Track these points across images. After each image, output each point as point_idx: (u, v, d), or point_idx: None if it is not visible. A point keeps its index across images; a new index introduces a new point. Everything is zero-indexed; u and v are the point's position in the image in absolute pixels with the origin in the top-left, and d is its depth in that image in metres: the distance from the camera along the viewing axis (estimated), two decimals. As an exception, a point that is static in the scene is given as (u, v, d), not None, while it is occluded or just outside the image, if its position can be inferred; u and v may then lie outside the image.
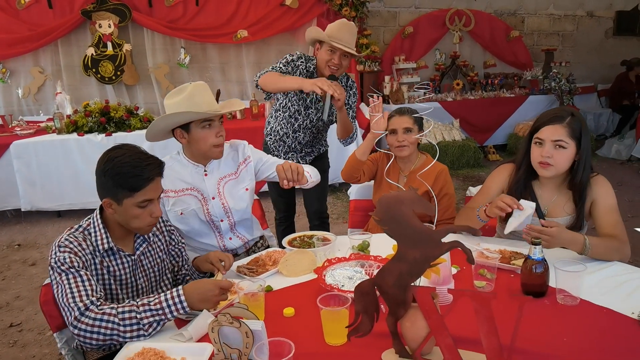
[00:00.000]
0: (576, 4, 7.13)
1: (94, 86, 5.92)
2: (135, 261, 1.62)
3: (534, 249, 1.48)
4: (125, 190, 1.48)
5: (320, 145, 2.88)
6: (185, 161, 1.97)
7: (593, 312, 1.39)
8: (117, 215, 1.53)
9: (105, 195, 1.51)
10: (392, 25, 7.03)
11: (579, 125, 1.78)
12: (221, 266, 1.68)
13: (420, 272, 1.09)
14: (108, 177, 1.48)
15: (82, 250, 1.48)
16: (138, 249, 1.63)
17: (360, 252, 1.74)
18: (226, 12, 6.00)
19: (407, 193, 1.06)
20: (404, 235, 1.07)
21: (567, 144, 1.77)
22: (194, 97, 1.80)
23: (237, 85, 6.47)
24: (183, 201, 1.95)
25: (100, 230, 1.54)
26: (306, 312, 1.42)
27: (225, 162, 2.04)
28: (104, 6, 5.61)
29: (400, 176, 2.39)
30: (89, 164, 4.55)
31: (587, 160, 1.79)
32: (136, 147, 1.56)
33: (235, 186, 2.04)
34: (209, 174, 2.00)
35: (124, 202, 1.49)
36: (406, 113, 2.31)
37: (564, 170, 1.82)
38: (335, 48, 2.44)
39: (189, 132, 1.86)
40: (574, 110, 1.86)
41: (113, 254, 1.56)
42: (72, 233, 1.52)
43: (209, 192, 1.99)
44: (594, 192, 1.82)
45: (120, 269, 1.58)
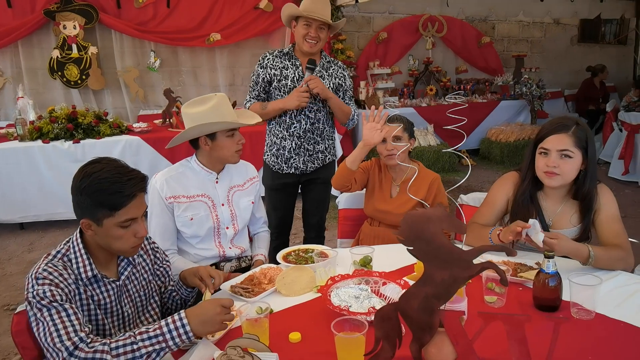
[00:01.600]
0: (543, 11, 7.32)
1: (59, 90, 5.63)
2: (120, 287, 1.47)
3: (547, 263, 1.43)
4: (105, 209, 1.33)
5: (324, 143, 2.70)
6: (198, 168, 2.01)
7: (610, 326, 1.35)
8: (98, 237, 1.38)
9: (83, 215, 1.35)
10: (367, 31, 7.02)
11: (584, 135, 1.75)
12: (210, 283, 1.56)
13: (449, 295, 1.01)
14: (85, 195, 1.32)
15: (64, 280, 1.31)
16: (122, 273, 1.48)
17: (363, 268, 1.65)
18: (198, 14, 5.83)
19: (436, 210, 0.98)
20: (432, 256, 0.99)
21: (573, 154, 1.73)
22: (220, 107, 1.90)
23: (210, 89, 6.28)
24: (194, 207, 1.96)
25: (82, 257, 1.38)
26: (314, 336, 1.32)
27: (236, 173, 2.11)
28: (68, 6, 5.34)
29: (393, 185, 2.33)
30: (56, 173, 4.32)
31: (593, 169, 1.76)
32: (115, 161, 1.40)
33: (242, 197, 2.11)
34: (220, 182, 2.05)
35: (105, 222, 1.34)
36: (396, 121, 2.25)
37: (571, 180, 1.78)
38: (310, 20, 2.44)
39: (214, 140, 1.93)
40: (578, 119, 1.84)
41: (97, 282, 1.41)
42: (51, 261, 1.35)
43: (219, 199, 2.03)
44: (598, 201, 1.80)
45: (105, 297, 1.42)
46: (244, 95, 5.99)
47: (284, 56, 2.60)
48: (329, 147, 2.75)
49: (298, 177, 2.72)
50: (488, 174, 6.19)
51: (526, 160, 1.86)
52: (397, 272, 1.68)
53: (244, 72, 6.38)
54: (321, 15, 2.43)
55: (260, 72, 2.60)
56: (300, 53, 2.58)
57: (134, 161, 4.47)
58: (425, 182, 2.25)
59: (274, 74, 2.58)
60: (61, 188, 4.35)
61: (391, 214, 2.25)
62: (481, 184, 5.80)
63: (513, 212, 1.88)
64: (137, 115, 5.82)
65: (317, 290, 1.57)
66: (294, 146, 2.64)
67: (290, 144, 2.64)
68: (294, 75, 2.57)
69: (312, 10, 2.42)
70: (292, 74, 2.57)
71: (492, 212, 1.94)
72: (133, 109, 5.92)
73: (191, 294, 1.65)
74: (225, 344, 1.21)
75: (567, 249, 1.63)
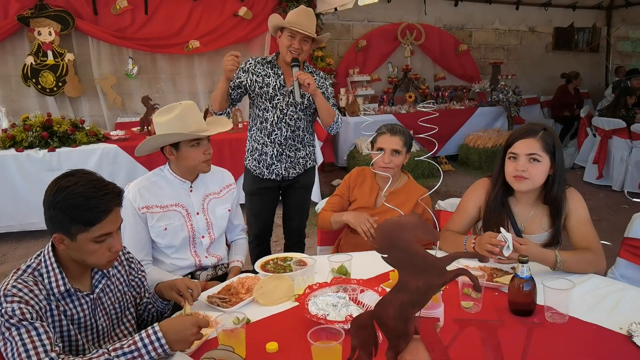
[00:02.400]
0: (519, 19, 7.47)
1: (33, 98, 5.50)
2: (95, 300, 1.43)
3: (522, 268, 1.45)
4: (80, 224, 1.29)
5: (305, 150, 2.74)
6: (171, 177, 1.99)
7: (583, 329, 1.37)
8: (71, 252, 1.34)
9: (56, 229, 1.31)
10: (346, 38, 7.07)
11: (552, 140, 1.79)
12: (190, 296, 1.53)
13: (424, 302, 1.01)
14: (58, 210, 1.28)
15: (35, 297, 1.26)
16: (97, 286, 1.44)
17: (341, 276, 1.65)
18: (177, 21, 5.78)
19: (410, 218, 0.99)
20: (406, 263, 1.00)
21: (542, 158, 1.77)
22: (183, 117, 1.87)
23: (189, 96, 6.24)
24: (168, 217, 1.94)
25: (54, 271, 1.34)
26: (291, 346, 1.31)
27: (212, 180, 2.08)
28: (43, 12, 5.24)
29: (379, 195, 2.29)
30: (30, 182, 4.23)
31: (561, 173, 1.80)
32: (90, 174, 1.35)
33: (218, 205, 2.08)
34: (194, 190, 2.02)
35: (79, 237, 1.30)
36: (398, 133, 2.20)
37: (539, 184, 1.82)
38: (294, 33, 2.47)
39: (178, 150, 1.91)
40: (546, 125, 1.88)
41: (70, 296, 1.37)
42: (20, 277, 1.30)
43: (194, 207, 2.01)
44: (568, 205, 1.83)
45: (78, 311, 1.38)
46: (223, 102, 6.03)
47: (267, 64, 2.63)
48: (309, 154, 2.79)
49: (279, 182, 2.73)
50: (467, 179, 6.27)
51: (497, 166, 1.89)
52: (375, 279, 1.68)
53: (223, 79, 6.35)
54: (305, 29, 2.46)
55: (241, 75, 2.61)
56: (283, 63, 2.61)
57: (111, 169, 4.41)
58: (413, 197, 2.23)
59: (255, 79, 2.60)
60: (35, 198, 4.24)
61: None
62: (460, 189, 5.86)
63: (485, 218, 1.91)
64: (114, 122, 5.73)
65: (295, 299, 1.56)
66: (275, 153, 2.66)
67: (272, 150, 2.66)
68: (276, 84, 2.59)
69: (296, 23, 2.46)
70: (273, 82, 2.59)
71: (464, 219, 1.96)
72: (111, 116, 5.83)
73: (167, 306, 1.63)
74: (200, 355, 1.20)
75: (534, 255, 1.65)
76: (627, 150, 5.52)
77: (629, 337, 1.30)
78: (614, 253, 2.06)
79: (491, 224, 1.89)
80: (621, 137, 5.55)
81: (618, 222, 4.28)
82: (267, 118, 2.62)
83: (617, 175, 5.65)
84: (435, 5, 6.82)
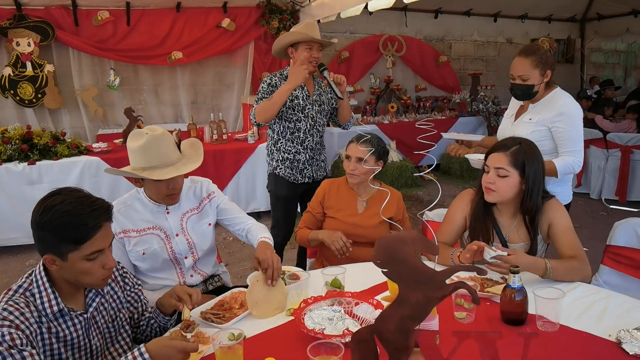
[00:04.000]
0: (497, 31, 7.64)
1: (11, 109, 5.40)
2: (88, 320, 1.40)
3: (513, 278, 1.48)
4: (69, 243, 1.26)
5: (324, 152, 3.07)
6: (146, 200, 1.91)
7: (573, 337, 1.41)
8: (64, 272, 1.31)
9: (46, 250, 1.28)
10: (329, 50, 7.12)
11: (522, 155, 1.83)
12: (189, 300, 1.51)
13: (423, 316, 1.02)
14: (46, 230, 1.26)
15: (26, 320, 1.23)
16: (91, 304, 1.41)
17: (335, 289, 1.66)
18: (159, 33, 5.76)
19: (409, 233, 1.01)
20: (406, 277, 1.01)
21: (509, 173, 1.82)
22: (148, 149, 1.76)
23: (171, 107, 6.21)
24: (145, 241, 1.87)
25: (46, 291, 1.31)
26: (289, 361, 1.31)
27: (187, 197, 1.99)
28: (22, 23, 5.16)
29: (359, 201, 2.36)
30: (8, 196, 4.14)
31: (533, 187, 1.83)
32: (77, 191, 1.33)
33: (198, 221, 2.00)
34: (171, 212, 1.95)
35: (69, 256, 1.27)
36: (366, 142, 2.27)
37: (508, 197, 1.87)
38: (312, 44, 2.69)
39: (143, 180, 1.82)
40: (523, 140, 1.92)
41: (62, 316, 1.34)
42: (11, 297, 1.27)
43: (172, 230, 1.93)
44: (549, 216, 1.88)
45: (71, 332, 1.35)
46: (206, 113, 6.03)
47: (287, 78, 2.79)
48: (326, 155, 3.13)
49: (308, 185, 2.95)
50: (449, 188, 6.35)
51: (479, 176, 1.95)
52: (369, 292, 1.70)
53: (206, 89, 6.34)
54: (320, 39, 2.72)
55: (272, 90, 2.77)
56: None
57: (93, 182, 4.35)
58: (393, 200, 2.30)
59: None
60: (15, 212, 4.16)
61: (360, 226, 2.28)
62: (443, 198, 5.93)
63: (471, 227, 1.96)
64: (96, 134, 5.66)
65: (290, 313, 1.56)
66: (307, 158, 2.92)
67: (305, 156, 2.91)
68: (302, 95, 2.83)
69: (313, 35, 2.69)
70: (300, 93, 2.83)
71: (451, 229, 2.01)
72: (92, 128, 5.75)
73: (169, 322, 1.61)
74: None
75: (524, 263, 1.68)
76: (604, 159, 5.67)
77: (618, 344, 1.34)
78: (595, 259, 2.11)
79: (477, 233, 1.94)
80: (598, 147, 5.70)
81: (597, 229, 4.39)
82: (300, 127, 2.85)
83: (594, 183, 5.80)
84: (416, 17, 6.93)
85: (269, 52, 6.22)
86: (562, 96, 2.39)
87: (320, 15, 5.35)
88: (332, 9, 4.94)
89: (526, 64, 2.30)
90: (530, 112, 2.44)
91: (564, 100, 2.36)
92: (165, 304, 1.56)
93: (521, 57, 2.33)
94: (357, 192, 2.37)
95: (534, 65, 2.29)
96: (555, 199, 1.92)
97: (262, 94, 2.80)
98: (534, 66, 2.29)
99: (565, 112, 2.32)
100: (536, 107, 2.42)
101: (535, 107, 2.43)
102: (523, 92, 2.37)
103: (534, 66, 2.29)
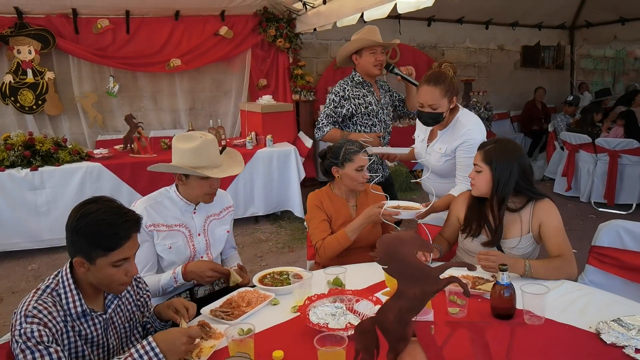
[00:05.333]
0: (488, 38, 7.81)
1: (12, 116, 5.47)
2: (107, 320, 1.51)
3: (502, 275, 1.60)
4: (100, 250, 1.37)
5: None
6: (177, 198, 2.08)
7: (557, 329, 1.52)
8: (90, 275, 1.42)
9: (77, 253, 1.39)
10: (324, 57, 7.26)
11: (492, 152, 2.00)
12: (186, 314, 1.62)
13: (420, 308, 1.14)
14: (81, 235, 1.37)
15: (53, 319, 1.33)
16: (109, 306, 1.52)
17: (337, 287, 1.77)
18: (158, 40, 5.85)
19: (407, 233, 1.12)
20: (404, 274, 1.12)
21: (481, 168, 2.01)
22: (200, 151, 1.98)
23: (170, 114, 6.30)
24: (172, 236, 2.03)
25: (71, 292, 1.41)
26: (296, 353, 1.42)
27: (213, 203, 2.16)
28: (23, 31, 5.24)
29: (349, 207, 2.42)
30: (11, 201, 4.21)
31: (501, 184, 1.97)
32: (111, 201, 1.44)
33: (218, 226, 2.20)
34: (197, 212, 2.13)
35: (98, 261, 1.38)
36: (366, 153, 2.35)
37: (484, 191, 2.04)
38: (375, 48, 2.88)
39: (187, 178, 2.02)
40: (500, 139, 2.09)
41: (84, 316, 1.44)
42: (40, 297, 1.37)
43: (196, 229, 2.11)
44: (540, 216, 2.00)
45: (92, 331, 1.46)
46: (205, 119, 6.13)
47: (358, 85, 2.96)
48: None
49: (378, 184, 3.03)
50: (443, 192, 6.47)
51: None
52: (368, 290, 1.81)
53: (204, 96, 6.45)
54: (381, 41, 2.86)
55: (344, 104, 2.94)
56: (369, 78, 3.01)
57: (95, 188, 4.43)
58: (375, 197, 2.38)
59: (358, 103, 2.95)
60: (17, 217, 4.25)
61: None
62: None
63: (465, 223, 2.13)
64: (95, 140, 5.74)
65: (295, 310, 1.67)
66: (377, 159, 2.99)
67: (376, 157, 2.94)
68: (373, 100, 3.01)
69: (377, 39, 2.85)
70: (372, 99, 3.00)
71: (449, 227, 2.23)
72: (91, 134, 5.83)
73: (165, 327, 1.69)
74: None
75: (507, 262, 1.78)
76: (593, 163, 5.83)
77: (597, 335, 1.45)
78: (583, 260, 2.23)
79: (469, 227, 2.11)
80: (587, 152, 5.86)
81: (586, 231, 4.52)
82: (375, 131, 3.00)
83: (584, 187, 5.95)
84: (409, 25, 7.08)
85: (265, 59, 6.36)
86: (465, 123, 2.45)
87: (316, 24, 5.47)
88: (327, 18, 5.06)
89: (436, 93, 2.33)
90: (440, 140, 2.52)
91: (467, 128, 2.43)
92: (163, 314, 1.66)
93: (430, 85, 2.34)
94: (346, 198, 2.41)
95: (443, 94, 2.34)
96: (547, 199, 2.04)
97: (332, 106, 2.95)
98: (442, 95, 2.34)
99: (467, 141, 2.41)
100: (444, 136, 2.50)
101: (443, 136, 2.51)
102: (433, 119, 2.42)
103: (442, 95, 2.34)
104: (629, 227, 2.11)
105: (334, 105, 2.97)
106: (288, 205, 5.21)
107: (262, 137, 5.19)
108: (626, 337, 1.40)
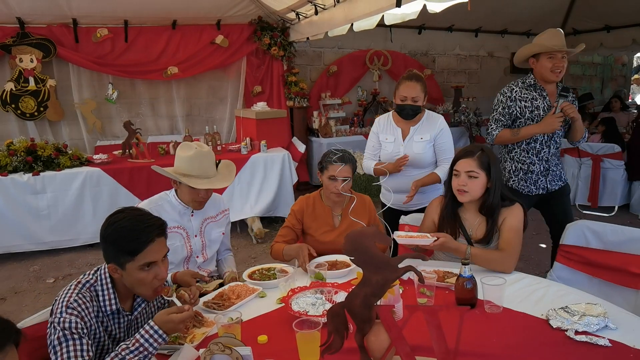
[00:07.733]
0: (478, 45, 8.03)
1: (13, 123, 5.64)
2: (132, 321, 1.65)
3: (464, 268, 1.77)
4: (126, 254, 1.49)
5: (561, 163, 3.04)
6: (176, 202, 2.25)
7: (513, 317, 1.70)
8: (124, 280, 1.55)
9: (110, 260, 1.54)
10: (318, 64, 7.46)
11: (487, 158, 2.16)
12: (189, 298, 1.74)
13: (382, 293, 1.31)
14: (109, 242, 1.52)
15: (89, 314, 1.48)
16: (136, 309, 1.66)
17: (319, 281, 1.94)
18: (156, 49, 6.05)
19: (369, 229, 1.30)
20: (368, 263, 1.30)
21: (478, 174, 2.14)
22: (193, 160, 2.16)
23: (167, 120, 6.48)
24: (171, 237, 2.14)
25: (108, 290, 1.55)
26: (278, 338, 1.59)
27: (210, 206, 2.33)
28: (25, 41, 5.43)
29: (334, 216, 2.49)
30: (13, 205, 4.38)
31: (496, 186, 2.16)
32: (137, 210, 1.58)
33: (214, 228, 2.36)
34: (195, 215, 2.29)
35: (127, 266, 1.51)
36: (348, 162, 2.37)
37: (478, 196, 2.18)
38: (554, 53, 2.74)
39: (181, 184, 2.20)
40: (484, 146, 2.25)
41: (115, 315, 1.58)
42: (81, 291, 1.50)
43: (193, 230, 2.27)
44: (505, 214, 2.18)
45: (116, 327, 1.60)
46: (201, 125, 6.30)
47: (529, 87, 2.88)
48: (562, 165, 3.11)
49: (542, 196, 2.99)
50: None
51: (447, 181, 2.27)
52: (347, 284, 1.99)
53: (200, 103, 6.63)
54: (563, 47, 2.74)
55: (510, 105, 2.87)
56: (544, 83, 2.87)
57: (95, 192, 4.59)
58: (364, 206, 2.51)
59: (524, 105, 2.85)
60: (19, 220, 4.40)
61: (336, 243, 2.34)
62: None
63: (439, 227, 2.27)
64: (94, 146, 5.90)
65: (280, 301, 1.84)
66: (541, 169, 2.92)
67: (539, 167, 2.92)
68: (543, 105, 2.85)
69: (555, 44, 2.74)
70: (541, 104, 2.84)
71: (425, 229, 2.34)
72: (90, 140, 6.00)
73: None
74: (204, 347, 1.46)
75: (449, 247, 2.06)
76: (577, 167, 6.02)
77: (546, 321, 1.63)
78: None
79: (445, 230, 2.25)
80: (572, 156, 6.05)
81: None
82: (537, 138, 2.87)
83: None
84: (400, 33, 7.29)
85: (260, 66, 6.54)
86: (436, 116, 2.95)
87: (309, 33, 5.67)
88: (319, 28, 5.26)
89: (417, 88, 2.79)
90: (418, 132, 2.90)
91: (441, 119, 2.93)
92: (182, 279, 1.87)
93: (412, 82, 2.79)
94: (331, 206, 2.47)
95: (422, 90, 2.81)
96: (519, 205, 2.21)
97: (500, 109, 2.89)
98: (422, 90, 2.81)
99: (445, 129, 2.90)
100: (420, 128, 2.91)
101: (419, 128, 2.91)
102: (414, 112, 2.84)
103: (422, 90, 2.81)
104: (592, 227, 2.27)
105: (501, 107, 2.91)
106: (281, 208, 5.36)
107: (256, 142, 5.34)
108: (570, 322, 1.58)
